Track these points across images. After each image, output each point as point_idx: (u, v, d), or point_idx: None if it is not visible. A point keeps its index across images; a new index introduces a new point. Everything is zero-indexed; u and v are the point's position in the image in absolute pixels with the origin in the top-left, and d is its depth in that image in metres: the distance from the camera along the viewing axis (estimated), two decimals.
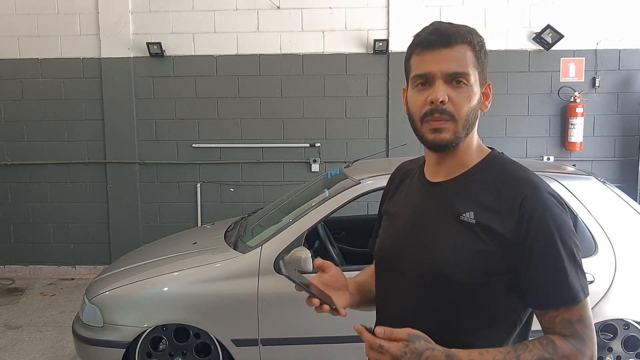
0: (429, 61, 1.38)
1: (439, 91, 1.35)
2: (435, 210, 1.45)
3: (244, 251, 3.70)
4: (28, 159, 6.42)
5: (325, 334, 3.59)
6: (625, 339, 3.58)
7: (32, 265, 6.57)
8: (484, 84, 1.42)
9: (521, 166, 1.44)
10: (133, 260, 4.12)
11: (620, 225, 3.66)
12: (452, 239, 1.39)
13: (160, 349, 3.65)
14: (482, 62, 1.41)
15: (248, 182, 6.33)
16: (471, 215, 1.37)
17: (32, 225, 6.53)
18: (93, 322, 3.67)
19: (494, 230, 1.34)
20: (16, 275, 6.51)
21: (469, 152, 1.45)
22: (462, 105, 1.36)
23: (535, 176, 1.40)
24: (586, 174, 3.98)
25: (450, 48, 1.36)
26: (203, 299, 3.58)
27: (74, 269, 6.54)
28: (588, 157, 6.10)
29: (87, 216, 6.48)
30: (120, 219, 6.43)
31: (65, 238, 6.53)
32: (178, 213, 6.39)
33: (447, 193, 1.45)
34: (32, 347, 4.61)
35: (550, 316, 1.34)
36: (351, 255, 4.68)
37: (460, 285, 1.36)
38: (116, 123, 6.31)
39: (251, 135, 6.27)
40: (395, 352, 1.26)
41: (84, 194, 6.46)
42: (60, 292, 6.01)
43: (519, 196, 1.34)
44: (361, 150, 5.90)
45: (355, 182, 3.79)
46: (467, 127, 1.39)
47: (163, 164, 6.36)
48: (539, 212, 1.32)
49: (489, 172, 1.42)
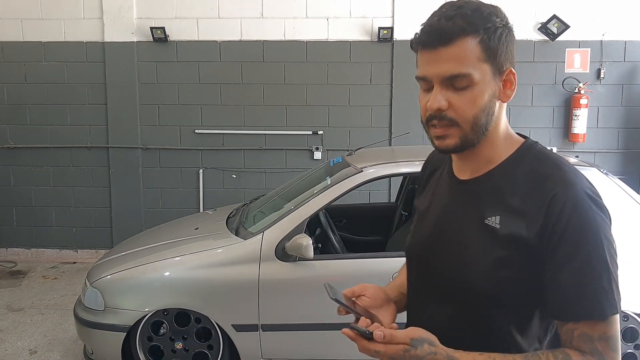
0: (425, 63, 1.27)
1: (434, 99, 1.25)
2: (461, 212, 1.35)
3: (246, 237, 3.71)
4: (31, 142, 6.43)
5: (325, 320, 3.60)
6: (624, 330, 3.60)
7: (34, 249, 6.60)
8: (501, 72, 1.27)
9: (556, 159, 1.29)
10: (135, 245, 4.14)
11: (621, 217, 3.65)
12: (475, 245, 1.30)
13: (161, 333, 3.68)
14: (495, 49, 1.24)
15: (250, 168, 6.33)
16: (497, 219, 1.27)
17: (34, 209, 6.55)
18: (94, 306, 3.70)
19: (518, 235, 1.23)
20: (18, 258, 6.54)
21: (494, 147, 1.32)
22: (465, 109, 1.24)
23: (571, 172, 1.26)
24: (588, 165, 3.97)
25: (447, 46, 1.22)
26: (204, 284, 3.60)
27: (76, 253, 6.57)
28: (591, 149, 6.08)
29: (90, 200, 6.49)
30: (122, 203, 6.44)
31: (68, 222, 6.55)
32: (180, 199, 6.41)
33: (473, 193, 1.34)
34: (33, 330, 4.64)
35: (568, 328, 1.21)
36: (352, 244, 4.70)
37: (483, 293, 1.27)
38: (119, 108, 6.30)
39: (254, 122, 6.26)
40: (393, 355, 1.20)
41: (87, 178, 6.47)
42: (62, 276, 6.04)
43: (548, 195, 1.21)
44: (364, 138, 5.89)
45: (358, 170, 3.79)
46: (478, 128, 1.26)
47: (165, 149, 6.36)
48: (568, 212, 1.19)
49: (519, 168, 1.29)
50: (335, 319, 3.73)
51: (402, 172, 4.35)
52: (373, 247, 4.78)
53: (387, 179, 6.00)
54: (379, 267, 3.60)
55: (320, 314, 3.59)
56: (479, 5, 1.26)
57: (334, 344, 3.64)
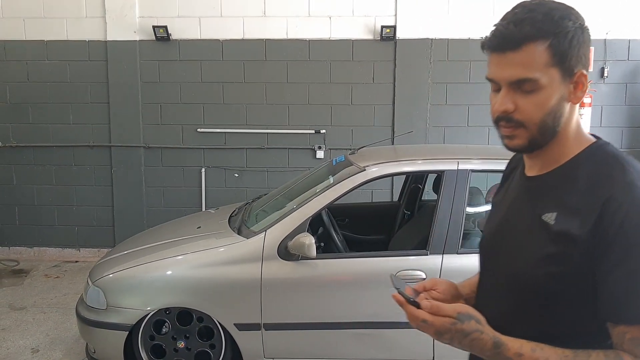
0: (494, 66, 1.28)
1: (501, 101, 1.27)
2: (523, 208, 1.38)
3: (248, 236, 3.70)
4: (33, 141, 6.42)
5: (328, 319, 3.60)
6: None
7: (36, 247, 6.60)
8: (571, 75, 1.26)
9: (623, 160, 1.27)
10: (137, 244, 4.13)
11: None
12: (530, 240, 1.32)
13: (163, 332, 3.67)
14: (565, 53, 1.23)
15: (252, 167, 6.32)
16: (553, 216, 1.28)
17: (36, 208, 6.54)
18: (96, 305, 3.69)
19: (571, 233, 1.23)
20: (20, 257, 6.54)
21: (562, 146, 1.32)
22: (532, 112, 1.26)
23: (635, 174, 1.23)
24: None
25: (515, 51, 1.23)
26: (206, 283, 3.58)
27: (78, 252, 6.57)
28: None
29: (92, 199, 6.49)
30: (124, 202, 6.44)
31: (70, 221, 6.55)
32: (182, 197, 6.40)
33: (535, 190, 1.37)
34: (36, 328, 4.64)
35: (620, 330, 1.19)
36: (355, 243, 4.68)
37: (534, 288, 1.29)
38: (121, 106, 6.30)
39: (256, 121, 6.25)
40: (439, 328, 1.22)
41: (89, 177, 6.47)
42: (64, 275, 6.03)
43: (605, 195, 1.21)
44: (366, 137, 5.87)
45: (360, 169, 3.77)
46: (545, 130, 1.28)
47: (168, 148, 6.36)
48: (624, 213, 1.17)
49: (583, 167, 1.29)
50: (338, 318, 3.74)
51: (405, 171, 4.34)
52: (375, 246, 4.76)
53: (389, 178, 5.99)
54: (381, 266, 3.59)
55: (323, 313, 3.58)
56: (551, 7, 1.25)
57: (337, 343, 3.62)
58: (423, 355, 3.61)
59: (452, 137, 6.08)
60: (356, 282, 3.62)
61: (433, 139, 6.04)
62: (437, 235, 3.57)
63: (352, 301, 3.58)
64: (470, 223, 3.92)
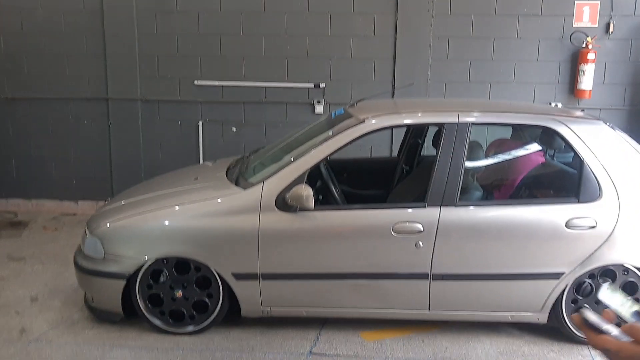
0: None
1: None
2: None
3: (246, 187, 3.68)
4: (29, 93, 6.33)
5: (325, 270, 3.61)
6: (624, 284, 3.60)
7: (34, 200, 6.58)
8: None
9: None
10: (134, 194, 4.12)
11: (627, 172, 3.61)
12: None
13: (161, 281, 3.69)
14: None
15: (250, 122, 6.25)
16: None
17: (33, 160, 6.50)
18: (94, 254, 3.70)
19: None
20: (18, 209, 6.53)
21: None
22: None
23: None
24: (595, 119, 3.91)
25: None
26: (204, 233, 3.58)
27: (76, 205, 6.56)
28: (596, 106, 5.98)
29: (89, 152, 6.44)
30: (122, 156, 6.39)
31: (67, 173, 6.51)
32: (180, 151, 6.35)
33: None
34: (34, 278, 4.66)
35: None
36: (353, 197, 4.66)
37: None
38: (118, 58, 6.18)
39: (254, 74, 6.15)
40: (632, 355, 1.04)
41: (86, 130, 6.40)
42: (63, 227, 6.04)
43: None
44: (366, 92, 5.76)
45: (360, 121, 3.73)
46: None
47: (165, 101, 6.27)
48: None
49: None
50: (334, 269, 3.77)
51: (405, 123, 4.30)
52: (374, 201, 4.74)
53: (389, 132, 5.95)
54: (379, 219, 3.58)
55: (321, 264, 3.60)
56: None
57: (334, 293, 3.65)
58: (419, 305, 3.64)
59: (453, 92, 5.99)
60: (354, 234, 3.62)
61: (434, 94, 5.95)
62: (435, 188, 3.55)
63: (350, 252, 3.59)
64: (469, 177, 3.90)
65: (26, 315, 4.01)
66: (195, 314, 3.69)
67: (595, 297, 3.60)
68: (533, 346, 3.65)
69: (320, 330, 3.80)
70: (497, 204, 3.78)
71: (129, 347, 3.58)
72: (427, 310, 3.65)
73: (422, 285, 3.59)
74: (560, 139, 3.72)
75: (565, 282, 3.55)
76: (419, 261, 3.55)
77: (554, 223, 3.52)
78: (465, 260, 3.56)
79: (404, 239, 3.51)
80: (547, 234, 3.53)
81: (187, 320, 3.71)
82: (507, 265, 3.56)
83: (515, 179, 4.02)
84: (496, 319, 3.71)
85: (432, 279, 3.56)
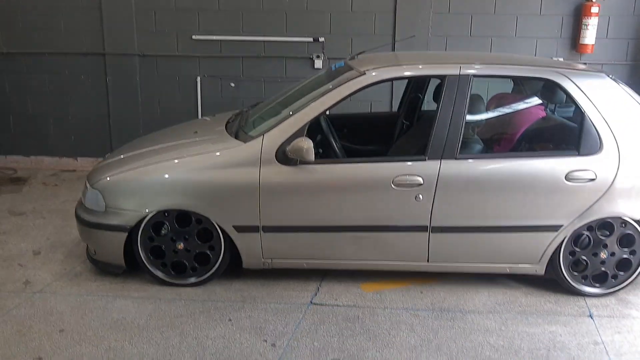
0: None
1: None
2: None
3: (246, 141, 3.67)
4: (24, 47, 6.25)
5: (326, 223, 3.63)
6: (621, 236, 3.63)
7: (33, 156, 6.58)
8: None
9: None
10: (134, 148, 4.11)
11: (628, 126, 3.60)
12: None
13: (163, 233, 3.71)
14: None
15: (249, 77, 6.20)
16: None
17: (31, 116, 6.46)
18: (95, 207, 3.71)
19: None
20: (18, 166, 6.53)
21: None
22: None
23: None
24: (596, 72, 3.87)
25: None
26: (204, 186, 3.59)
27: (75, 161, 6.55)
28: (599, 60, 5.92)
29: (87, 108, 6.40)
30: (120, 112, 6.36)
31: (66, 130, 6.48)
32: (178, 107, 6.31)
33: None
34: (36, 232, 4.69)
35: None
36: (353, 152, 4.65)
37: None
38: (114, 12, 6.08)
39: (252, 28, 6.06)
40: None
41: (83, 86, 6.35)
42: (62, 183, 6.05)
43: None
44: (366, 46, 5.62)
45: (360, 73, 3.69)
46: None
47: (163, 56, 6.20)
48: None
49: None
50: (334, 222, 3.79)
51: (406, 76, 4.26)
52: (374, 156, 4.74)
53: (389, 86, 5.91)
54: (380, 172, 3.58)
55: (320, 216, 3.62)
56: None
57: (334, 245, 3.68)
58: (418, 257, 3.68)
59: (454, 47, 5.92)
60: (354, 187, 3.62)
61: (435, 48, 5.88)
62: (436, 141, 3.55)
63: (350, 205, 3.61)
64: (470, 130, 3.89)
65: (30, 267, 4.05)
66: (197, 265, 3.73)
67: (593, 249, 3.65)
68: (530, 297, 3.70)
69: (321, 282, 3.85)
70: (497, 156, 3.78)
71: (132, 298, 3.63)
72: (426, 262, 3.69)
73: (422, 238, 3.62)
74: (562, 91, 3.69)
75: (563, 234, 3.58)
76: (419, 214, 3.57)
77: (553, 176, 3.52)
78: (464, 213, 3.58)
79: (404, 191, 3.53)
80: (547, 187, 3.54)
81: (189, 272, 3.75)
82: (506, 217, 3.59)
83: (516, 133, 4.01)
84: (494, 271, 3.75)
85: (432, 231, 3.59)
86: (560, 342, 3.20)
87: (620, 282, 3.71)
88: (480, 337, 3.24)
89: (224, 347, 3.12)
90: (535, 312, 3.53)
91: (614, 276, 3.70)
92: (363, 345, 3.15)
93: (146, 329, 3.28)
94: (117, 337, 3.20)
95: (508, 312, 3.52)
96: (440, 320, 3.42)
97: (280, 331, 3.28)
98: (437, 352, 3.09)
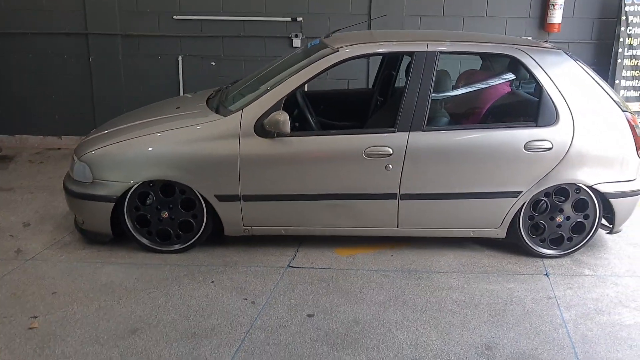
0: None
1: None
2: None
3: (226, 115, 3.88)
4: (7, 27, 6.35)
5: (302, 192, 3.87)
6: (576, 201, 3.92)
7: (18, 135, 6.70)
8: None
9: None
10: (120, 123, 4.29)
11: (583, 99, 3.87)
12: None
13: (148, 203, 3.92)
14: None
15: (229, 56, 6.36)
16: None
17: (15, 95, 6.57)
18: (83, 178, 3.90)
19: None
20: (3, 145, 6.65)
21: None
22: None
23: None
24: (556, 49, 4.12)
25: None
26: (187, 158, 3.80)
27: (60, 140, 6.69)
28: (565, 39, 6.17)
29: (71, 87, 6.52)
30: (103, 90, 6.50)
31: (50, 109, 6.61)
32: (160, 85, 6.46)
33: None
34: (25, 206, 4.86)
35: None
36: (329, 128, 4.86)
37: None
38: None
39: (233, 8, 6.22)
40: None
41: (67, 66, 6.46)
42: (48, 160, 6.20)
43: None
44: (343, 25, 5.77)
45: (334, 50, 3.90)
46: None
47: (145, 36, 6.34)
48: None
49: None
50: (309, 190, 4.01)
51: (378, 52, 4.48)
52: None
53: (365, 63, 6.11)
54: (352, 144, 3.82)
55: (296, 186, 3.85)
56: None
57: (310, 213, 3.92)
58: (388, 223, 3.94)
59: (428, 26, 6.13)
60: (328, 158, 3.86)
61: (409, 27, 6.08)
62: (404, 114, 3.79)
63: (325, 175, 3.84)
64: (437, 104, 4.13)
65: (20, 238, 4.24)
66: (181, 233, 3.95)
67: (550, 214, 3.93)
68: (492, 259, 3.98)
69: (298, 247, 4.10)
70: (462, 128, 4.03)
71: (119, 264, 3.85)
72: (396, 227, 3.95)
73: (392, 205, 3.87)
74: (522, 67, 3.94)
75: (523, 200, 3.86)
76: (389, 182, 3.82)
77: (513, 146, 3.79)
78: (431, 181, 3.84)
79: (375, 162, 3.77)
80: (507, 156, 3.81)
81: (174, 239, 3.97)
82: (469, 185, 3.85)
83: (482, 107, 4.26)
84: (459, 235, 4.02)
85: (401, 199, 3.85)
86: (517, 297, 3.49)
87: (575, 245, 4.01)
88: (444, 293, 3.52)
89: (207, 305, 3.36)
90: (496, 272, 3.81)
91: (569, 239, 3.99)
92: (336, 301, 3.41)
93: (134, 291, 3.51)
94: (106, 298, 3.42)
95: (471, 272, 3.80)
96: (408, 279, 3.69)
97: (259, 290, 3.52)
98: (404, 306, 3.36)
